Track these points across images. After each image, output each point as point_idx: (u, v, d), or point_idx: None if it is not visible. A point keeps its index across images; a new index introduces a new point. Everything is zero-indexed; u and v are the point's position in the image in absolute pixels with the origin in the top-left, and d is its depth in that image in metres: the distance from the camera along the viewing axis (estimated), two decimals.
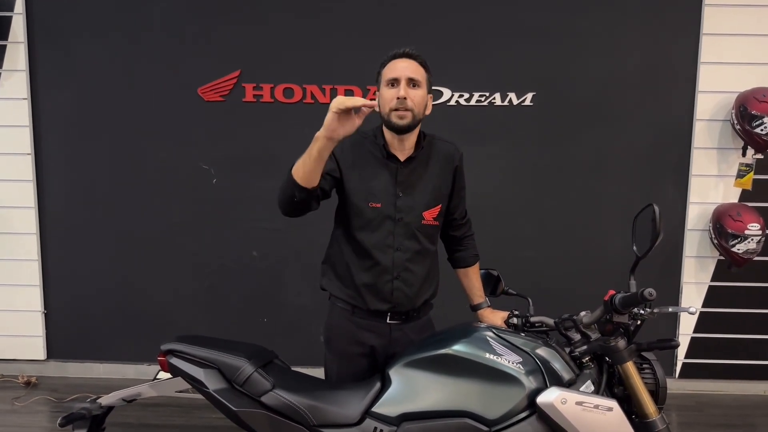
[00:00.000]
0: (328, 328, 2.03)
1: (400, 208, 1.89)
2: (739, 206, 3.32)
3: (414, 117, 1.83)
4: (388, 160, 1.90)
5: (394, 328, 1.95)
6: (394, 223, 1.89)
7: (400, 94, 1.80)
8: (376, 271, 1.90)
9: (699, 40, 3.33)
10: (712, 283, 3.51)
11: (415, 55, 1.86)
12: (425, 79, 1.87)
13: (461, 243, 2.12)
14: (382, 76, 1.88)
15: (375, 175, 1.89)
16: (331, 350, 2.02)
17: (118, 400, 1.89)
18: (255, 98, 3.43)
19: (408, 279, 1.91)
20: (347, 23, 3.37)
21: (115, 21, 3.40)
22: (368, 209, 1.88)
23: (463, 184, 2.03)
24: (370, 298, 1.91)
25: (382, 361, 1.96)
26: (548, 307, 2.00)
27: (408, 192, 1.90)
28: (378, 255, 1.89)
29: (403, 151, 1.91)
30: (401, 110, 1.81)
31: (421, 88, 1.85)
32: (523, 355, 1.67)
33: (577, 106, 3.40)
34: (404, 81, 1.81)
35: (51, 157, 3.53)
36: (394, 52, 1.87)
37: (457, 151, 2.00)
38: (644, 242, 1.66)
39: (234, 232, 3.54)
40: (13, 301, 3.61)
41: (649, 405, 1.62)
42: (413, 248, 1.91)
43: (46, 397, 3.38)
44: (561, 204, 3.46)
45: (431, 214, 1.93)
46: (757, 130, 3.15)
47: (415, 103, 1.82)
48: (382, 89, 1.86)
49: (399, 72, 1.82)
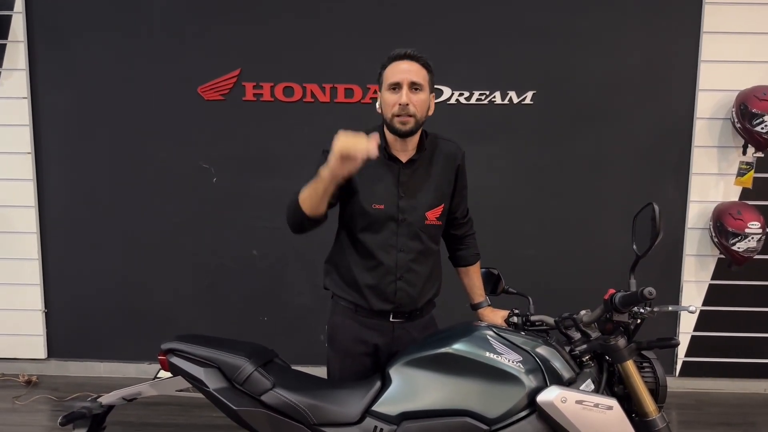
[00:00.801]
0: (331, 326, 2.03)
1: (403, 209, 1.88)
2: (739, 205, 3.32)
3: (417, 122, 1.82)
4: (389, 161, 1.89)
5: (397, 326, 1.94)
6: (397, 224, 1.88)
7: (402, 101, 1.78)
8: (379, 272, 1.89)
9: (699, 38, 3.32)
10: (713, 282, 3.51)
11: (417, 56, 1.83)
12: (427, 81, 1.85)
13: (462, 242, 2.11)
14: (383, 79, 1.85)
15: (377, 177, 1.88)
16: (334, 348, 2.01)
17: (119, 399, 1.90)
18: (255, 97, 3.42)
19: (411, 279, 1.91)
20: (347, 22, 3.37)
21: (115, 20, 3.40)
22: (371, 211, 1.87)
23: (465, 183, 2.03)
24: (373, 299, 1.91)
25: (385, 360, 1.95)
26: (548, 306, 2.00)
27: (410, 193, 1.89)
28: (381, 256, 1.88)
29: (405, 151, 1.90)
30: (404, 116, 1.79)
31: (423, 92, 1.82)
32: (523, 354, 1.67)
33: (578, 104, 3.40)
34: (406, 86, 1.79)
35: (51, 156, 3.53)
36: (396, 53, 1.84)
37: (459, 150, 1.99)
38: (644, 241, 1.66)
39: (234, 231, 3.54)
40: (13, 300, 3.62)
41: (649, 404, 1.62)
42: (416, 249, 1.90)
43: (47, 396, 3.39)
44: (561, 203, 3.46)
45: (434, 214, 1.92)
46: (758, 128, 3.15)
47: (418, 108, 1.81)
48: (384, 93, 1.84)
49: (401, 76, 1.80)
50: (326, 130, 1.97)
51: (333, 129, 1.95)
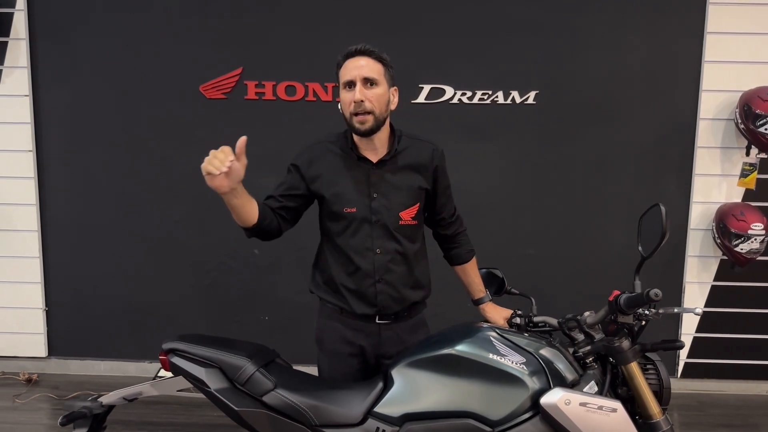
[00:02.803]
0: (318, 327, 2.03)
1: (375, 210, 1.86)
2: (742, 206, 3.31)
3: (376, 118, 1.78)
4: (360, 162, 1.86)
5: (384, 327, 1.93)
6: (371, 225, 1.86)
7: (356, 98, 1.75)
8: (358, 276, 1.88)
9: (703, 38, 3.31)
10: (715, 283, 3.49)
11: (368, 50, 1.79)
12: (383, 74, 1.80)
13: (454, 240, 2.08)
14: (339, 78, 1.82)
15: (347, 180, 1.86)
16: (322, 349, 2.02)
17: (119, 399, 1.88)
18: (257, 96, 3.41)
19: (391, 281, 1.89)
20: (349, 20, 3.35)
21: (117, 18, 3.39)
22: (344, 214, 1.86)
23: (447, 183, 1.98)
24: (356, 303, 1.90)
25: (373, 361, 1.95)
26: (551, 307, 1.99)
27: (382, 193, 1.86)
28: (358, 260, 1.87)
29: (375, 150, 1.86)
30: (361, 114, 1.77)
31: (379, 86, 1.79)
32: (526, 356, 1.66)
33: (580, 104, 3.38)
34: (359, 82, 1.76)
35: (52, 154, 3.52)
36: (348, 51, 1.81)
37: (437, 150, 1.93)
38: (650, 242, 1.65)
39: (235, 230, 3.49)
40: (14, 298, 3.61)
41: (653, 406, 1.62)
42: (393, 249, 1.88)
43: (47, 394, 3.38)
44: (564, 203, 3.45)
45: (408, 213, 1.89)
46: (761, 129, 3.13)
47: (375, 103, 1.77)
48: (341, 92, 1.82)
49: (352, 73, 1.77)
50: (328, 129, 1.97)
51: (335, 128, 1.95)
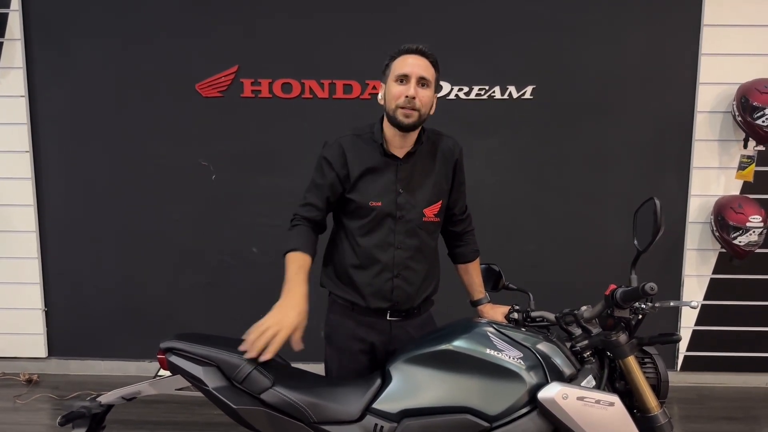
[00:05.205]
0: (328, 323, 2.02)
1: (401, 206, 1.87)
2: (740, 198, 3.31)
3: (420, 117, 1.80)
4: (386, 157, 1.87)
5: (395, 325, 1.93)
6: (395, 221, 1.87)
7: (409, 93, 1.76)
8: (375, 270, 1.88)
9: (700, 31, 3.31)
10: (714, 276, 3.50)
11: (427, 53, 1.82)
12: (434, 79, 1.83)
13: (461, 238, 2.09)
14: (390, 70, 1.83)
15: (375, 174, 1.87)
16: (332, 346, 2.01)
17: (118, 399, 1.88)
18: (253, 93, 3.41)
19: (408, 277, 1.89)
20: (345, 18, 3.35)
21: (113, 18, 3.38)
22: (368, 208, 1.86)
23: (462, 179, 2.01)
24: (370, 297, 1.90)
25: (382, 358, 1.94)
26: (549, 302, 1.99)
27: (409, 189, 1.88)
28: (378, 254, 1.87)
29: (403, 147, 1.88)
30: (408, 109, 1.77)
31: (429, 88, 1.81)
32: (523, 351, 1.66)
33: (578, 98, 3.38)
34: (414, 79, 1.78)
35: (49, 155, 3.52)
36: (407, 47, 1.82)
37: (457, 146, 1.97)
38: (645, 236, 1.64)
39: (234, 229, 3.53)
40: (13, 298, 3.61)
41: (651, 399, 1.61)
42: (414, 246, 1.89)
43: (48, 394, 3.39)
44: (561, 197, 3.45)
45: (432, 210, 1.91)
46: (759, 121, 3.13)
47: (423, 103, 1.79)
48: (390, 84, 1.82)
49: (410, 69, 1.78)
50: (325, 126, 1.97)
51: (332, 125, 1.95)
